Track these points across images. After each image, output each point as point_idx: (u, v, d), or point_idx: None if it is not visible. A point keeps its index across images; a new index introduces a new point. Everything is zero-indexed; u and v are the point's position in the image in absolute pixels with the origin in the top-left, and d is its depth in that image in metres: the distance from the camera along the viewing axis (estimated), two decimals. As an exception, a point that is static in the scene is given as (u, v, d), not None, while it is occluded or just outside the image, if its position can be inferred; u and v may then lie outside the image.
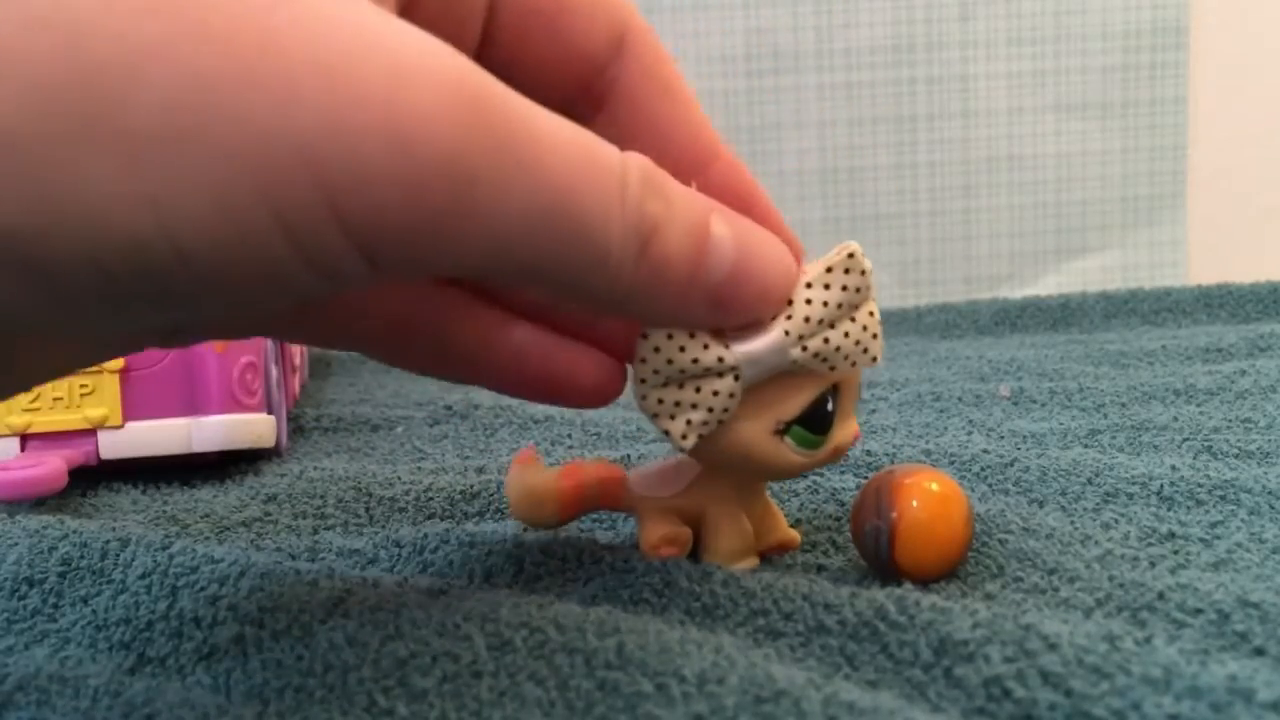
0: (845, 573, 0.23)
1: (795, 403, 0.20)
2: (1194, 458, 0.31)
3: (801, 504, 0.28)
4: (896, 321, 0.66)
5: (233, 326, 0.21)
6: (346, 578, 0.21)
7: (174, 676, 0.19)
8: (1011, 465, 0.30)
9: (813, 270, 0.20)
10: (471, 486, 0.31)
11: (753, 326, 0.19)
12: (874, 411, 0.42)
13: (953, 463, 0.31)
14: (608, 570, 0.22)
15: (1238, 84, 0.79)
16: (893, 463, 0.32)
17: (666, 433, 0.20)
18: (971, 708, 0.16)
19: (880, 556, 0.21)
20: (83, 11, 0.12)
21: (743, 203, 0.20)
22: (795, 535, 0.24)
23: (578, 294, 0.17)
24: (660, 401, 0.20)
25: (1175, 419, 0.36)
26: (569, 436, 0.40)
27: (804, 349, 0.19)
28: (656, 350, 0.19)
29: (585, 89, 0.20)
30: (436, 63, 0.14)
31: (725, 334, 0.19)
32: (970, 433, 0.37)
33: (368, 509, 0.30)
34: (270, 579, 0.21)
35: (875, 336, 0.20)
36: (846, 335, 0.20)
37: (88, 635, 0.21)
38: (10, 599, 0.23)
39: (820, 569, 0.23)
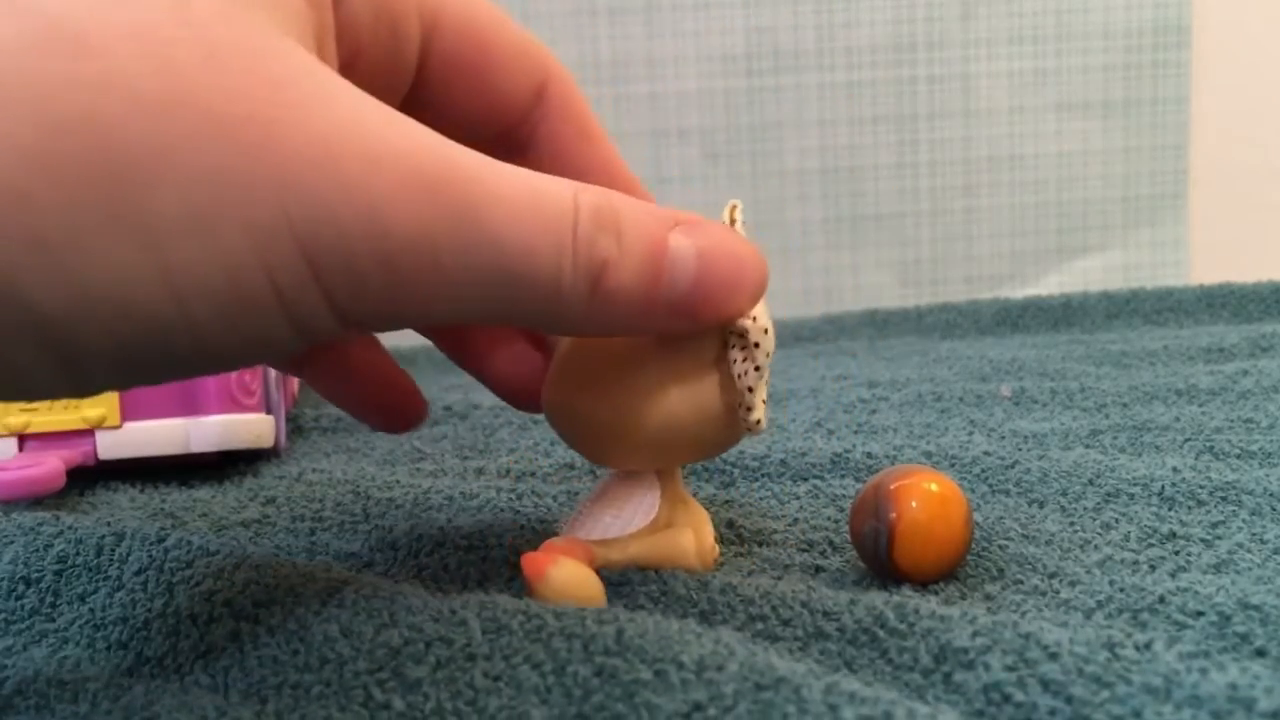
0: (844, 574, 0.23)
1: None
2: (1196, 458, 0.31)
3: (801, 505, 0.28)
4: (898, 321, 0.66)
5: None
6: (342, 569, 0.21)
7: (172, 676, 0.19)
8: (1012, 466, 0.30)
9: None
10: (470, 489, 0.30)
11: None
12: (874, 412, 0.42)
13: (953, 463, 0.31)
14: (603, 578, 0.22)
15: (1240, 83, 0.79)
16: (893, 463, 0.32)
17: (748, 408, 0.20)
18: (971, 710, 0.16)
19: (879, 558, 0.21)
20: (113, 113, 0.13)
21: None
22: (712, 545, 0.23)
23: (534, 326, 0.18)
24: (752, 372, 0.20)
25: (1177, 419, 0.36)
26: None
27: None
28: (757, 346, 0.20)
29: (510, 134, 0.22)
30: (406, 145, 0.15)
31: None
32: (971, 433, 0.36)
33: (365, 511, 0.30)
34: (265, 571, 0.21)
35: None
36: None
37: (85, 635, 0.21)
38: (8, 599, 0.23)
39: (818, 570, 0.23)
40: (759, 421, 0.20)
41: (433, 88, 0.21)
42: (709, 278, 0.18)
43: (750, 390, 0.20)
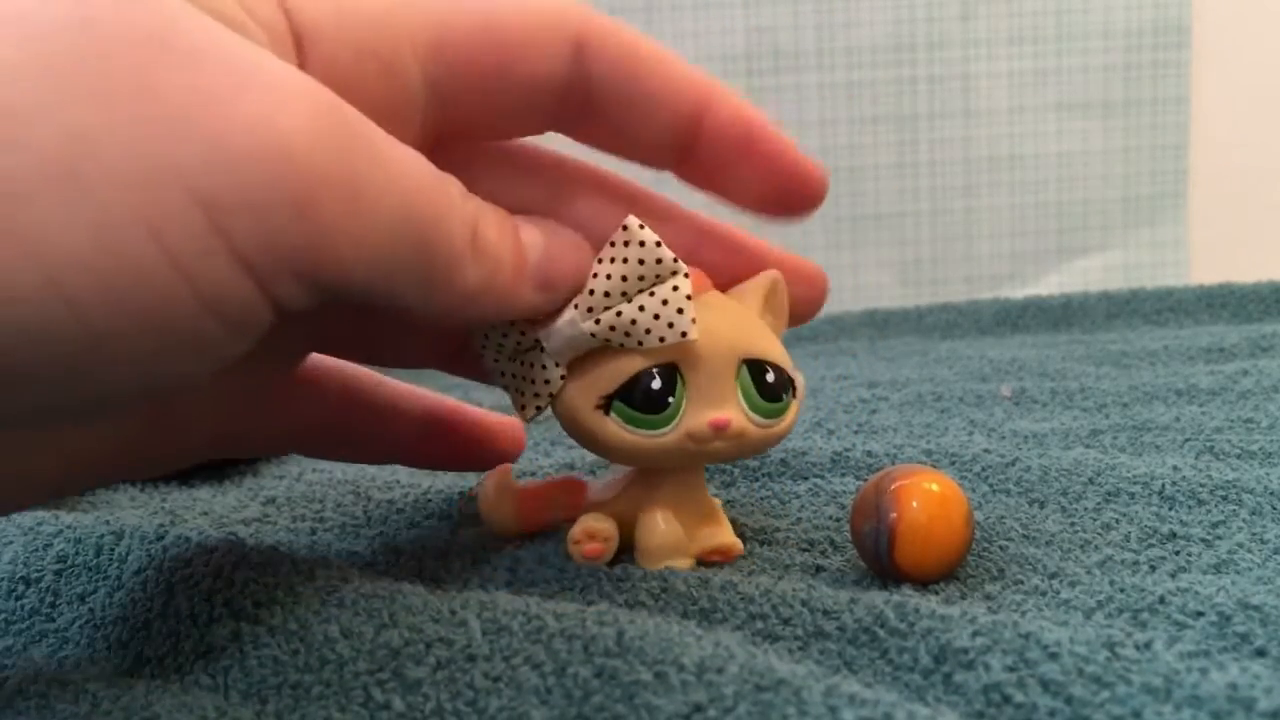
0: (844, 573, 0.23)
1: (613, 378, 0.21)
2: (1196, 458, 0.31)
3: (802, 505, 0.28)
4: (898, 321, 0.66)
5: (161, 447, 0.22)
6: (342, 566, 0.21)
7: (172, 676, 0.19)
8: (1013, 465, 0.30)
9: (602, 248, 0.21)
10: (470, 489, 0.30)
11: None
12: (875, 412, 0.42)
13: (954, 463, 0.31)
14: (604, 577, 0.22)
15: (1240, 83, 0.79)
16: (893, 463, 0.32)
17: (514, 406, 0.22)
18: (971, 712, 0.16)
19: (880, 557, 0.21)
20: None
21: (742, 139, 0.21)
22: (735, 542, 0.24)
23: (437, 296, 0.18)
24: (502, 375, 0.22)
25: (1177, 419, 0.36)
26: (569, 436, 0.40)
27: (596, 321, 0.20)
28: (486, 336, 0.22)
29: (560, 104, 0.20)
30: (309, 87, 0.15)
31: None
32: (971, 433, 0.36)
33: (365, 511, 0.30)
34: (265, 571, 0.21)
35: (681, 311, 0.20)
36: (642, 309, 0.20)
37: (85, 634, 0.21)
38: (7, 599, 0.23)
39: (819, 570, 0.23)
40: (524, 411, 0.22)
41: (461, 104, 0.20)
42: (556, 249, 0.20)
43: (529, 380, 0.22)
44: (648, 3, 0.74)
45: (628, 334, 0.20)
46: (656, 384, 0.21)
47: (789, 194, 0.22)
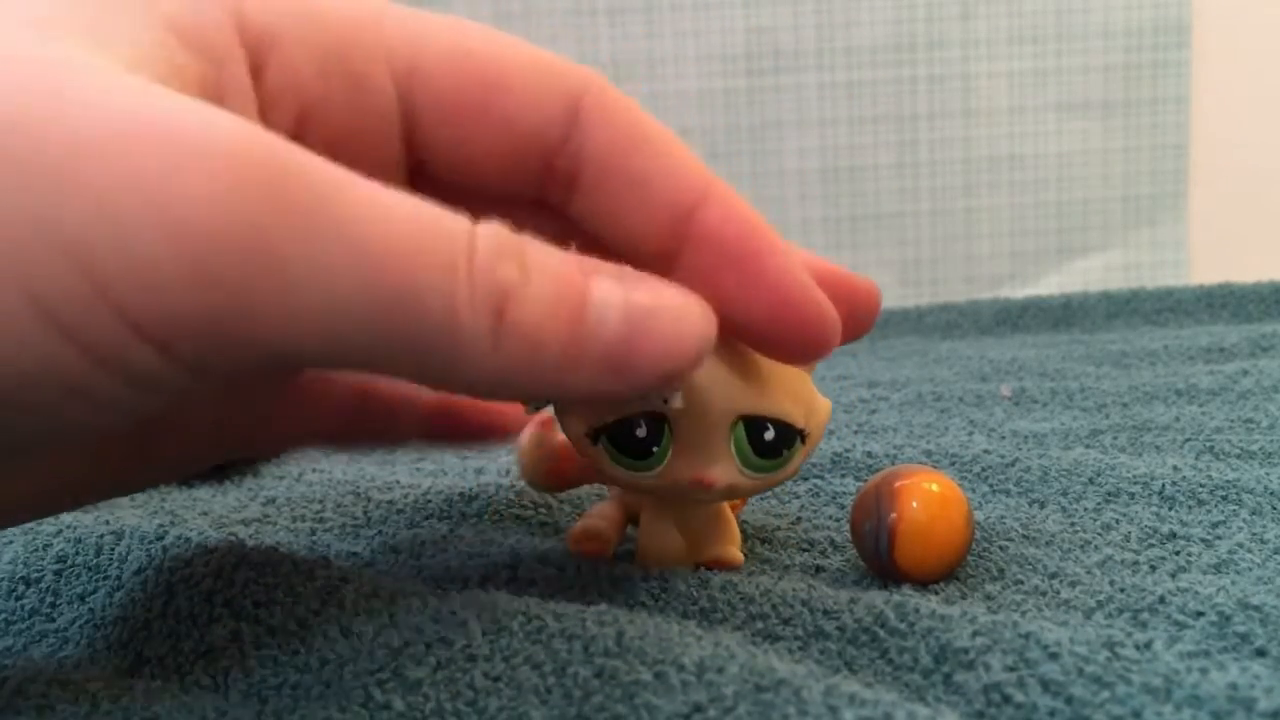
0: (844, 573, 0.23)
1: (604, 414, 0.20)
2: (1196, 458, 0.31)
3: (802, 505, 0.28)
4: (898, 321, 0.66)
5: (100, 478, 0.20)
6: (342, 566, 0.21)
7: (172, 676, 0.19)
8: (1013, 465, 0.30)
9: None
10: (470, 489, 0.30)
11: None
12: (875, 412, 0.42)
13: (954, 463, 0.31)
14: (604, 577, 0.22)
15: (1240, 83, 0.79)
16: (893, 463, 0.32)
17: None
18: (971, 711, 0.16)
19: (880, 557, 0.21)
20: None
21: (734, 245, 0.18)
22: (735, 555, 0.23)
23: (439, 378, 0.15)
24: None
25: (1177, 419, 0.36)
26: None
27: None
28: None
29: (547, 168, 0.18)
30: (221, 136, 0.13)
31: None
32: (971, 433, 0.36)
33: (365, 512, 0.30)
34: (265, 570, 0.21)
35: None
36: None
37: (85, 634, 0.21)
38: (7, 599, 0.23)
39: (819, 570, 0.23)
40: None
41: (438, 138, 0.18)
42: (642, 329, 0.16)
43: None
44: (648, 3, 0.74)
45: None
46: (642, 432, 0.20)
47: (786, 324, 0.18)
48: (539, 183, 0.18)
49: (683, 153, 0.18)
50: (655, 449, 0.20)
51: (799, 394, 0.20)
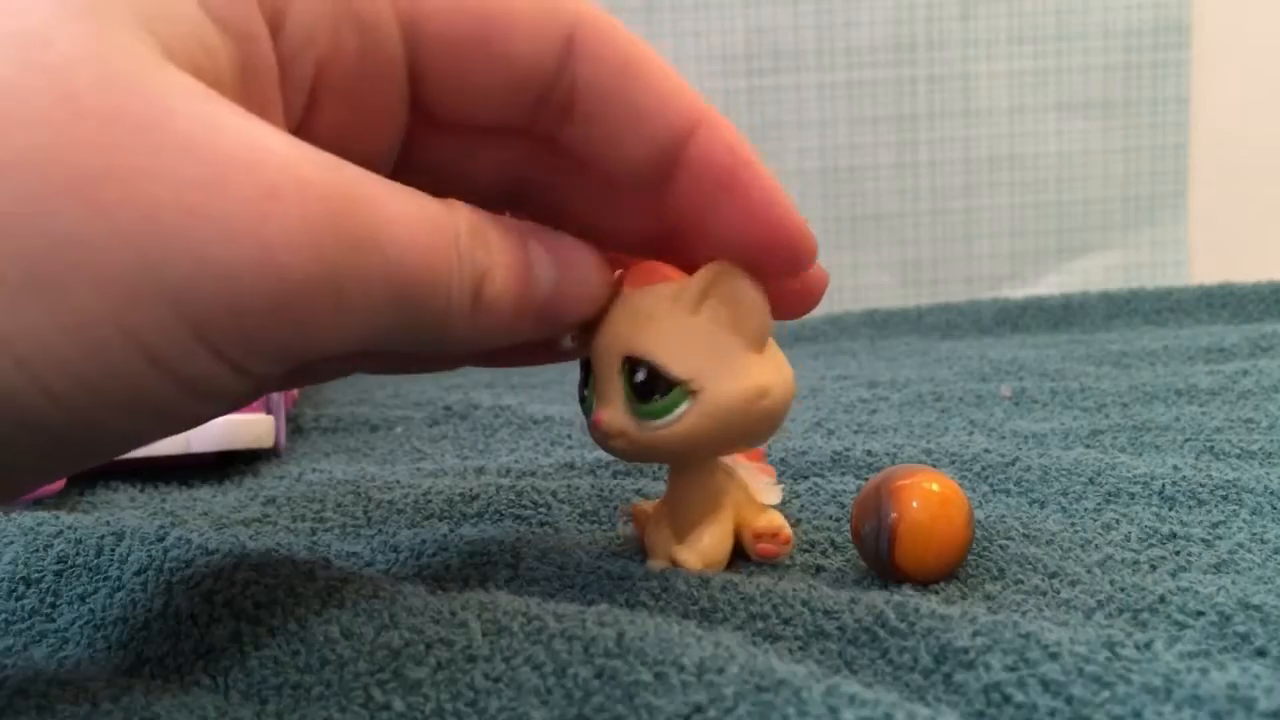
0: (844, 573, 0.23)
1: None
2: (1196, 458, 0.31)
3: (802, 504, 0.28)
4: (898, 321, 0.66)
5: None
6: (343, 566, 0.21)
7: (173, 676, 0.19)
8: (1013, 465, 0.30)
9: None
10: (470, 489, 0.30)
11: None
12: (875, 411, 0.42)
13: (954, 463, 0.31)
14: (605, 577, 0.22)
15: (1240, 83, 0.79)
16: (893, 463, 0.32)
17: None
18: (971, 711, 0.16)
19: (880, 557, 0.21)
20: None
21: (724, 172, 0.19)
22: (685, 558, 0.22)
23: (418, 346, 0.18)
24: None
25: (1177, 419, 0.36)
26: (569, 437, 0.40)
27: None
28: None
29: (543, 101, 0.19)
30: (304, 174, 0.14)
31: None
32: (971, 433, 0.36)
33: (366, 512, 0.30)
34: (265, 571, 0.21)
35: None
36: None
37: (86, 635, 0.21)
38: (8, 599, 0.23)
39: (819, 570, 0.23)
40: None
41: (441, 78, 0.19)
42: (566, 284, 0.19)
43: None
44: (648, 3, 0.74)
45: None
46: (579, 376, 0.21)
47: (770, 247, 0.19)
48: (532, 114, 0.19)
49: (675, 81, 0.19)
50: (585, 391, 0.21)
51: (696, 350, 0.20)
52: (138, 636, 0.20)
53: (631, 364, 0.20)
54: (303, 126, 0.18)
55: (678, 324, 0.20)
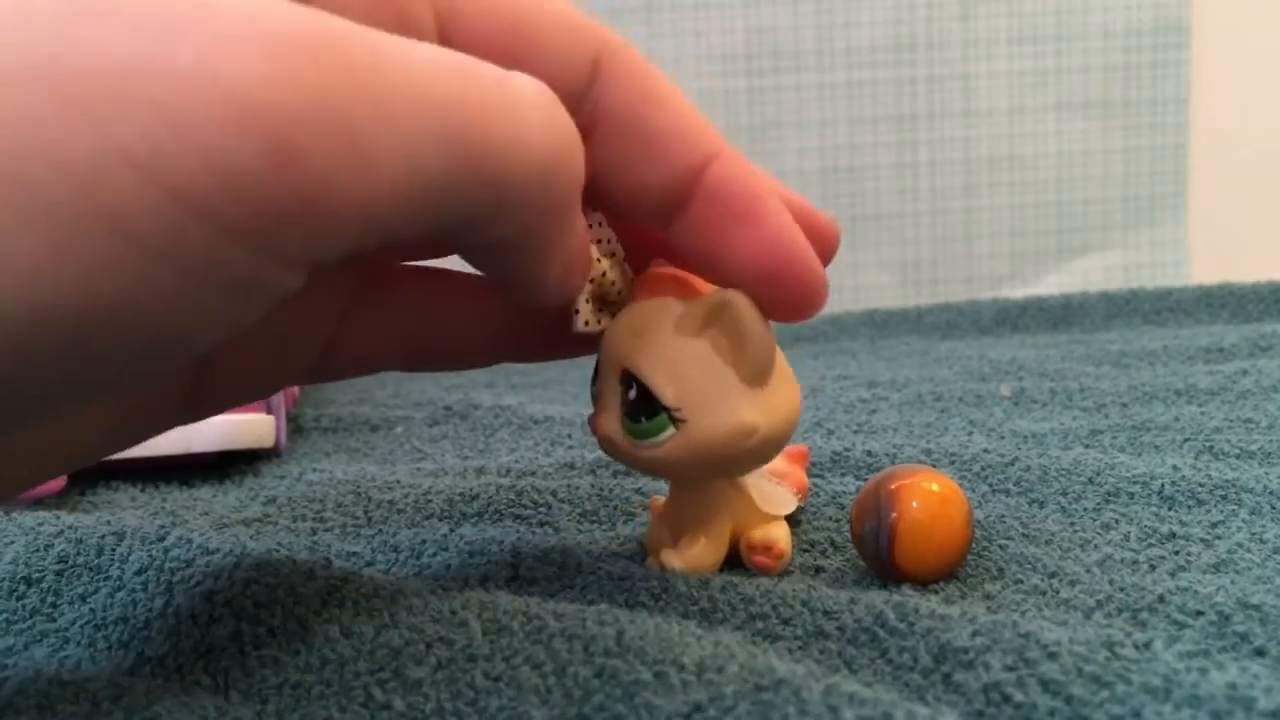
0: (844, 573, 0.23)
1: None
2: (1195, 458, 0.31)
3: (802, 504, 0.28)
4: (898, 321, 0.66)
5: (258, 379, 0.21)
6: (343, 566, 0.21)
7: (173, 676, 0.19)
8: (1012, 465, 0.30)
9: None
10: (470, 489, 0.31)
11: None
12: (874, 411, 0.42)
13: (953, 463, 0.31)
14: (605, 577, 0.22)
15: (1239, 83, 0.79)
16: (893, 463, 0.32)
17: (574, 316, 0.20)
18: (971, 711, 0.16)
19: (880, 557, 0.21)
20: None
21: (738, 205, 0.19)
22: (669, 561, 0.22)
23: (484, 214, 0.15)
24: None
25: (1176, 419, 0.36)
26: (569, 437, 0.40)
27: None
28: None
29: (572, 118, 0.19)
30: (266, 20, 0.12)
31: None
32: (971, 433, 0.37)
33: (366, 512, 0.30)
34: (265, 570, 0.21)
35: (588, 301, 0.20)
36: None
37: (86, 634, 0.21)
38: (9, 599, 0.23)
39: (819, 570, 0.23)
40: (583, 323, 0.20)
41: None
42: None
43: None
44: (648, 3, 0.74)
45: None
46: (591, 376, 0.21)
47: (781, 277, 0.19)
48: None
49: (694, 114, 0.19)
50: (594, 389, 0.21)
51: (690, 377, 0.19)
52: (138, 636, 0.20)
53: (627, 379, 0.20)
54: None
55: (677, 347, 0.19)
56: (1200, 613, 0.19)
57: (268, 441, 0.37)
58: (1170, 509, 0.26)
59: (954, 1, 0.76)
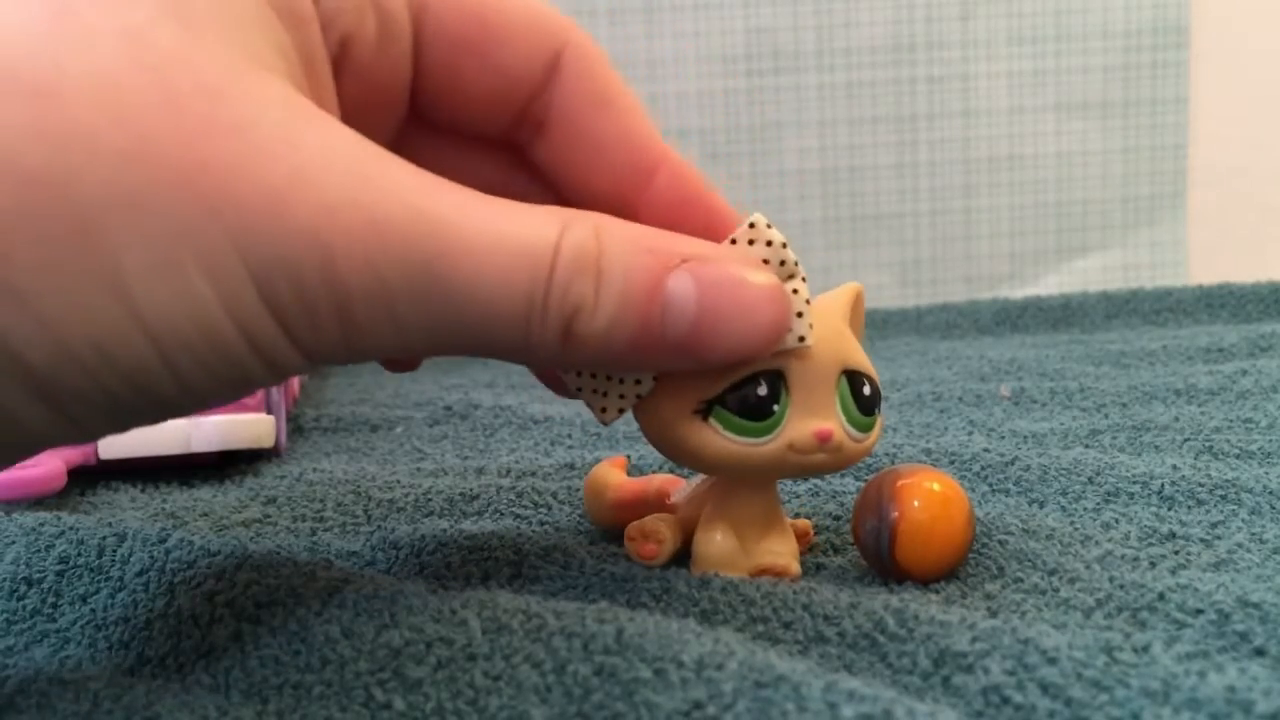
0: (845, 572, 0.23)
1: (717, 382, 0.20)
2: (1195, 458, 0.31)
3: (802, 504, 0.28)
4: (897, 321, 0.66)
5: None
6: (343, 566, 0.21)
7: (174, 676, 0.19)
8: (1012, 465, 0.30)
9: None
10: (470, 488, 0.31)
11: None
12: (874, 411, 0.42)
13: (953, 462, 0.31)
14: (607, 577, 0.22)
15: (1238, 83, 0.79)
16: (893, 462, 0.32)
17: (591, 408, 0.21)
18: (970, 713, 0.16)
19: (881, 556, 0.21)
20: (74, 165, 0.13)
21: (687, 210, 0.20)
22: (787, 565, 0.22)
23: (514, 361, 0.18)
24: (578, 374, 0.21)
25: (1176, 419, 0.36)
26: (569, 437, 0.40)
27: None
28: None
29: (522, 114, 0.20)
30: (368, 192, 0.15)
31: None
32: (971, 432, 0.37)
33: (366, 511, 0.30)
34: (266, 571, 0.21)
35: (800, 315, 0.19)
36: None
37: (87, 635, 0.21)
38: (9, 599, 0.23)
39: (820, 569, 0.23)
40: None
41: (435, 74, 0.19)
42: (710, 318, 0.17)
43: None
44: (648, 3, 0.74)
45: None
46: (763, 390, 0.20)
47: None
48: (511, 125, 0.20)
49: (643, 121, 0.20)
50: (776, 406, 0.20)
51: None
52: (139, 636, 0.20)
53: (856, 378, 0.21)
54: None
55: (854, 338, 0.21)
56: (1200, 611, 0.19)
57: (268, 441, 0.37)
58: (1170, 509, 0.26)
59: (954, 2, 0.76)
